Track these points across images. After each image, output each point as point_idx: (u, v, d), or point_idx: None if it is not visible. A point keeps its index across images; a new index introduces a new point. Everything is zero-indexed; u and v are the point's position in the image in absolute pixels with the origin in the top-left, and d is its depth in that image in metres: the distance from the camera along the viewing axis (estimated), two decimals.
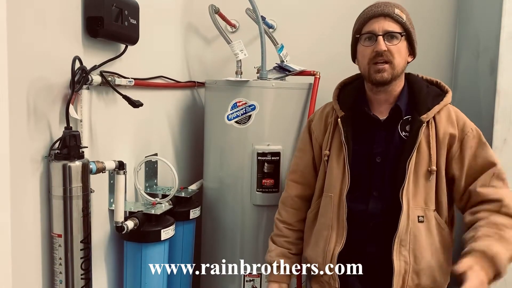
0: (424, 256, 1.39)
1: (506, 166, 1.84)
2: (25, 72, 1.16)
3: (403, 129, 1.43)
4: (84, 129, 1.37)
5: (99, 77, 1.42)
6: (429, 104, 1.42)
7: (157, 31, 1.93)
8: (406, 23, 1.40)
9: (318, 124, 1.61)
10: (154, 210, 1.65)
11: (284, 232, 1.65)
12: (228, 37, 2.07)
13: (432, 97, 1.44)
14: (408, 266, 1.38)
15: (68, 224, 1.25)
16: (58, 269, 1.26)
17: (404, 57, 1.42)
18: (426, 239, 1.39)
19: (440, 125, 1.41)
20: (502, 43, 1.82)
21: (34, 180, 1.22)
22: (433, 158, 1.39)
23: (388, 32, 1.38)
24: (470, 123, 1.44)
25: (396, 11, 1.39)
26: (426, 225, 1.39)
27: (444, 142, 1.40)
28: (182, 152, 2.28)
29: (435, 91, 1.48)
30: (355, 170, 1.45)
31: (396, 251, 1.38)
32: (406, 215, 1.38)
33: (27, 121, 1.17)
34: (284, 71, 2.10)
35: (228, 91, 1.96)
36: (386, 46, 1.37)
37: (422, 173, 1.40)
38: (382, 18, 1.39)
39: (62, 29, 1.30)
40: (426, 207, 1.40)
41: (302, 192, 1.65)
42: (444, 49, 2.51)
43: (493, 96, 1.85)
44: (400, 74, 1.43)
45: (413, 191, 1.39)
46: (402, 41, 1.40)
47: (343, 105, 1.53)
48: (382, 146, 1.44)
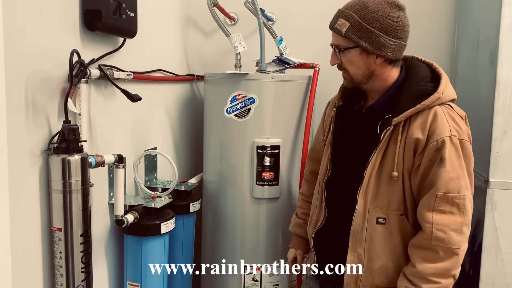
0: (380, 257, 1.38)
1: (506, 158, 1.85)
2: (23, 65, 1.15)
3: (380, 128, 1.39)
4: (83, 123, 1.37)
5: (97, 71, 1.42)
6: (406, 106, 1.33)
7: (155, 24, 1.92)
8: (347, 35, 1.34)
9: (329, 109, 1.64)
10: (154, 203, 1.65)
11: (301, 203, 1.77)
12: (227, 30, 2.06)
13: (414, 98, 1.34)
14: (362, 263, 1.39)
15: (68, 218, 1.25)
16: (58, 263, 1.27)
17: (361, 65, 1.37)
18: (384, 241, 1.38)
19: (411, 129, 1.33)
20: (502, 34, 1.81)
21: (33, 174, 1.21)
22: (398, 163, 1.34)
23: (334, 46, 1.41)
24: (445, 132, 1.30)
25: (338, 23, 1.36)
26: (387, 228, 1.37)
27: (410, 147, 1.33)
28: (182, 145, 2.28)
29: (424, 90, 1.35)
30: (336, 160, 1.49)
31: (351, 247, 1.40)
32: (362, 215, 1.38)
33: (25, 115, 1.17)
34: (283, 64, 2.09)
35: (227, 84, 1.95)
36: (338, 59, 1.40)
37: (385, 176, 1.36)
38: (333, 32, 1.40)
39: (60, 22, 1.29)
40: (389, 210, 1.36)
41: (315, 167, 1.69)
42: (444, 40, 2.50)
43: (493, 87, 1.85)
44: (366, 78, 1.39)
45: (374, 193, 1.37)
46: (350, 52, 1.36)
47: (344, 94, 1.53)
48: (359, 141, 1.45)
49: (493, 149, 1.86)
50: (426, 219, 1.30)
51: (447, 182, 1.29)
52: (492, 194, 1.87)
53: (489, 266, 1.89)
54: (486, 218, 1.88)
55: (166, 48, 2.09)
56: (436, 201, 1.29)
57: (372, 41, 1.33)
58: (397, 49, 1.36)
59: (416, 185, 1.34)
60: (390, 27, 1.33)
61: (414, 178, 1.34)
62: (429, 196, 1.31)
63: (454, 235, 1.29)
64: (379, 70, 1.38)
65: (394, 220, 1.36)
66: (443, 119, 1.32)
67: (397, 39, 1.34)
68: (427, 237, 1.30)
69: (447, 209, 1.30)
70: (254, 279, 1.99)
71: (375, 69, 1.37)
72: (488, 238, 1.88)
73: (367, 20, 1.32)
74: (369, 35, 1.32)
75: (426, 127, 1.31)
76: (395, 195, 1.35)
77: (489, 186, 1.86)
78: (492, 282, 1.89)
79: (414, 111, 1.32)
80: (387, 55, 1.35)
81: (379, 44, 1.33)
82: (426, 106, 1.31)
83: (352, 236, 1.40)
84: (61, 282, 1.27)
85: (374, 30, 1.32)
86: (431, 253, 1.30)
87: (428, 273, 1.30)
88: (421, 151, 1.32)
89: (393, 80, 1.41)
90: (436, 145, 1.29)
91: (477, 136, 2.05)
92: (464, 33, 2.35)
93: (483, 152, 1.92)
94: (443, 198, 1.29)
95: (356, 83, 1.41)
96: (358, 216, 1.38)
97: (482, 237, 1.89)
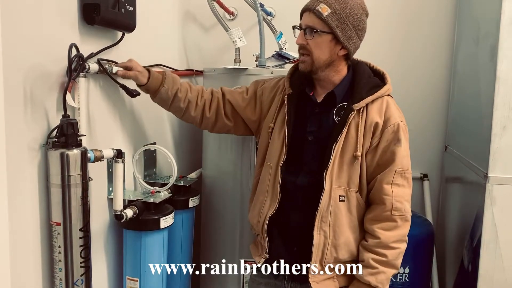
0: (343, 232, 1.50)
1: (506, 153, 1.85)
2: (21, 59, 1.15)
3: (337, 114, 1.52)
4: (81, 117, 1.36)
5: (96, 65, 1.41)
6: (364, 94, 1.49)
7: (154, 18, 1.92)
8: (327, 19, 1.44)
9: (268, 92, 1.68)
10: (153, 198, 1.65)
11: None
12: (226, 25, 2.06)
13: (369, 88, 1.51)
14: (327, 241, 1.49)
15: (67, 212, 1.25)
16: (57, 257, 1.26)
17: (327, 51, 1.48)
18: (345, 217, 1.50)
19: (370, 114, 1.49)
20: (502, 29, 1.81)
21: (31, 168, 1.21)
22: (359, 144, 1.48)
23: (307, 26, 1.47)
24: (397, 118, 1.49)
25: (320, 6, 1.44)
26: (346, 205, 1.50)
27: (370, 130, 1.48)
28: (181, 140, 2.27)
29: (375, 82, 1.54)
30: (291, 144, 1.55)
31: (317, 226, 1.49)
32: (328, 194, 1.48)
33: (23, 109, 1.16)
34: (283, 59, 2.09)
35: (226, 79, 1.95)
36: (305, 40, 1.47)
37: (347, 157, 1.49)
38: (307, 13, 1.48)
39: (59, 16, 1.28)
40: (348, 188, 1.50)
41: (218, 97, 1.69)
42: (444, 35, 2.50)
43: (493, 82, 1.84)
44: (325, 66, 1.50)
45: (337, 173, 1.49)
46: (322, 36, 1.46)
47: (293, 83, 1.61)
48: (315, 127, 1.54)
49: (493, 144, 1.86)
50: (386, 192, 1.47)
51: (402, 159, 1.48)
52: (492, 189, 1.87)
53: (487, 261, 1.90)
54: (485, 213, 1.88)
55: (165, 42, 2.09)
56: (394, 176, 1.48)
57: (345, 32, 1.46)
58: (356, 48, 1.52)
59: (373, 163, 1.50)
60: (359, 27, 1.48)
61: (371, 157, 1.50)
62: (387, 172, 1.48)
63: (407, 205, 1.50)
64: (337, 61, 1.51)
65: (352, 197, 1.50)
66: (393, 107, 1.52)
67: (359, 39, 1.50)
68: (388, 209, 1.47)
69: (401, 182, 1.48)
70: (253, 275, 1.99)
71: (335, 59, 1.50)
72: (487, 233, 1.89)
73: (345, 13, 1.45)
74: (344, 27, 1.45)
75: (382, 113, 1.50)
76: (355, 174, 1.49)
77: (489, 181, 1.87)
78: (491, 277, 1.90)
79: (372, 98, 1.49)
80: (351, 49, 1.49)
81: (348, 38, 1.47)
82: (382, 94, 1.51)
83: (318, 215, 1.48)
84: (60, 276, 1.27)
85: (349, 24, 1.46)
86: (391, 223, 1.48)
87: (391, 241, 1.47)
88: (379, 133, 1.49)
89: (344, 73, 1.55)
90: (393, 127, 1.48)
91: (477, 131, 2.05)
92: (464, 28, 2.35)
93: (482, 147, 1.93)
94: (399, 173, 1.48)
95: (315, 68, 1.50)
96: (325, 195, 1.48)
97: (481, 232, 1.90)
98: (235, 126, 1.72)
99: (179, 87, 1.62)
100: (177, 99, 1.62)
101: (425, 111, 2.57)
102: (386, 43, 2.52)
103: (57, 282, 1.27)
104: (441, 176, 2.62)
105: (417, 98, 2.54)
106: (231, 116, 1.70)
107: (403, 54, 2.50)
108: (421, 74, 2.54)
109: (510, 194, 1.87)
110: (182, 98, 1.63)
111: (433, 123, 2.59)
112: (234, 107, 1.69)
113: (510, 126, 1.84)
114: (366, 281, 1.47)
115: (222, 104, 1.69)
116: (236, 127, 1.73)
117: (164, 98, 1.61)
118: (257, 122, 1.70)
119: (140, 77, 1.55)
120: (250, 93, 1.71)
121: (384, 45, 2.50)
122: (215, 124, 1.71)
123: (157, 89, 1.58)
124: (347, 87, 1.54)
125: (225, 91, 1.72)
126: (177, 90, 1.61)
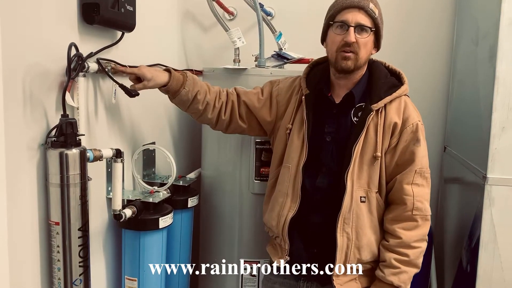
0: (365, 233, 1.50)
1: (505, 154, 1.85)
2: (21, 59, 1.14)
3: (356, 115, 1.52)
4: (81, 117, 1.36)
5: (95, 65, 1.41)
6: (382, 94, 1.50)
7: (154, 18, 1.91)
8: (377, 18, 1.47)
9: (284, 93, 1.68)
10: (152, 198, 1.65)
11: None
12: (225, 25, 2.06)
13: (387, 88, 1.52)
14: (351, 242, 1.49)
15: (66, 212, 1.25)
16: (56, 257, 1.26)
17: (369, 50, 1.51)
18: (367, 218, 1.51)
19: (388, 115, 1.50)
20: (501, 29, 1.81)
21: (30, 168, 1.21)
22: (379, 144, 1.48)
23: (359, 24, 1.45)
24: (415, 117, 1.51)
25: (371, 5, 1.46)
26: (367, 205, 1.51)
27: (389, 130, 1.49)
28: (180, 140, 2.27)
29: (392, 82, 1.55)
30: (310, 145, 1.55)
31: (340, 228, 1.48)
32: (350, 196, 1.48)
33: (22, 109, 1.16)
34: (282, 59, 2.09)
35: (226, 79, 1.95)
36: (356, 38, 1.45)
37: (367, 157, 1.49)
38: (357, 10, 1.46)
39: (58, 15, 1.28)
40: (368, 189, 1.50)
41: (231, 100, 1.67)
42: (443, 36, 2.50)
43: (492, 83, 1.84)
44: (363, 65, 1.52)
45: (358, 174, 1.49)
46: (370, 35, 1.48)
47: (309, 83, 1.61)
48: (333, 127, 1.54)
49: (492, 145, 1.86)
50: (407, 192, 1.48)
51: (421, 159, 1.49)
52: (490, 190, 1.87)
53: (486, 262, 1.90)
54: (484, 214, 1.88)
55: (165, 42, 2.09)
56: (414, 176, 1.48)
57: (381, 34, 1.52)
58: None
59: (392, 163, 1.50)
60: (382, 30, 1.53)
61: (390, 157, 1.50)
62: (407, 172, 1.48)
63: (427, 204, 1.50)
64: (366, 61, 1.54)
65: (372, 198, 1.51)
66: (411, 107, 1.53)
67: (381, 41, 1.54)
68: (409, 209, 1.48)
69: (420, 182, 1.49)
70: (252, 274, 1.99)
71: (368, 58, 1.53)
72: (486, 233, 1.89)
73: (381, 14, 1.51)
74: (382, 28, 1.51)
75: (400, 113, 1.50)
76: (375, 175, 1.50)
77: (487, 182, 1.86)
78: (489, 278, 1.90)
79: (391, 98, 1.50)
80: (378, 49, 1.55)
81: (380, 39, 1.53)
82: (400, 94, 1.52)
83: (341, 217, 1.48)
84: (58, 276, 1.27)
85: (382, 26, 1.52)
86: (412, 222, 1.48)
87: (412, 241, 1.48)
88: (398, 133, 1.49)
89: (363, 73, 1.55)
90: (412, 128, 1.49)
91: (476, 132, 2.05)
92: (464, 28, 2.35)
93: (481, 148, 1.93)
94: (419, 173, 1.48)
95: (357, 67, 1.50)
96: (347, 197, 1.48)
97: (479, 233, 1.90)
98: (249, 127, 1.71)
99: (199, 89, 1.59)
100: (196, 101, 1.59)
101: (424, 112, 2.52)
102: (385, 43, 2.51)
103: (56, 282, 1.27)
104: (440, 176, 2.62)
105: (416, 99, 2.49)
106: (246, 117, 1.69)
107: (402, 54, 2.50)
108: (420, 74, 2.54)
109: (508, 195, 1.87)
110: (201, 100, 1.59)
111: (432, 124, 2.59)
112: (249, 108, 1.68)
113: (509, 127, 1.84)
114: (389, 281, 1.47)
115: (237, 105, 1.68)
116: (250, 128, 1.72)
117: (183, 100, 1.58)
118: (272, 123, 1.69)
119: (159, 81, 1.51)
120: (266, 94, 1.70)
121: (383, 46, 2.50)
122: (229, 125, 1.70)
123: (178, 90, 1.54)
124: (365, 87, 1.54)
125: (240, 92, 1.70)
126: (197, 92, 1.58)
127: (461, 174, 2.25)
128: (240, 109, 1.68)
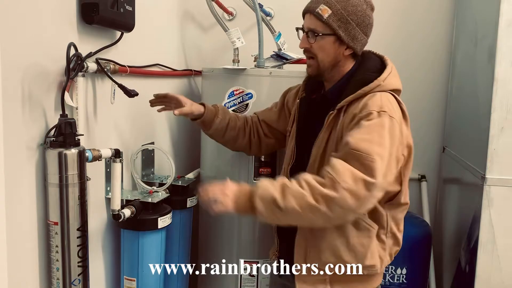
0: (324, 236, 1.41)
1: (503, 154, 1.85)
2: (20, 59, 1.14)
3: None
4: (79, 117, 1.36)
5: (94, 65, 1.41)
6: (349, 93, 1.39)
7: (153, 18, 1.91)
8: (328, 21, 1.38)
9: (292, 99, 1.69)
10: (151, 198, 1.65)
11: None
12: (225, 25, 2.06)
13: (357, 86, 1.39)
14: (307, 242, 1.45)
15: (65, 212, 1.25)
16: (54, 257, 1.26)
17: (331, 53, 1.42)
18: None
19: (349, 111, 1.37)
20: (500, 30, 1.81)
21: (29, 168, 1.21)
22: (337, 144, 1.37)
23: (309, 29, 1.43)
24: (372, 107, 1.32)
25: (320, 7, 1.39)
26: None
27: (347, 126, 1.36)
28: (179, 140, 2.27)
29: (365, 79, 1.40)
30: (300, 147, 1.54)
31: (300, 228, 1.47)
32: None
33: (21, 109, 1.16)
34: (281, 59, 2.09)
35: (225, 79, 1.95)
36: (309, 43, 1.42)
37: (328, 158, 1.35)
38: (308, 15, 1.43)
39: (57, 15, 1.28)
40: None
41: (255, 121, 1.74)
42: (442, 36, 2.50)
43: (490, 84, 1.85)
44: (329, 68, 1.45)
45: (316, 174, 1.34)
46: (324, 38, 1.41)
47: (307, 86, 1.60)
48: (314, 128, 1.49)
49: (490, 146, 1.86)
50: (330, 162, 1.29)
51: (358, 141, 1.27)
52: (489, 190, 1.87)
53: (485, 262, 1.90)
54: (483, 215, 1.88)
55: (164, 42, 2.09)
56: (347, 156, 1.27)
57: (348, 32, 1.40)
58: (363, 45, 1.46)
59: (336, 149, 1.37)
60: (364, 23, 1.41)
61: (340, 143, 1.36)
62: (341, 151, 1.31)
63: (347, 176, 1.24)
64: (342, 61, 1.45)
65: None
66: (378, 98, 1.35)
67: (366, 36, 1.44)
68: (326, 167, 1.29)
69: (355, 166, 1.25)
70: (251, 274, 1.99)
71: (341, 59, 1.44)
72: (485, 234, 1.89)
73: (347, 11, 1.39)
74: (347, 26, 1.39)
75: (361, 105, 1.35)
76: None
77: (486, 182, 1.87)
78: (488, 278, 1.90)
79: (355, 97, 1.38)
80: (357, 48, 1.43)
81: (353, 37, 1.41)
82: (365, 92, 1.37)
83: None
84: (57, 276, 1.27)
85: (352, 22, 1.39)
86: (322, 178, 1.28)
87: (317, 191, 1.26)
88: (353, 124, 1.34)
89: (346, 71, 1.47)
90: (359, 115, 1.33)
91: (475, 132, 2.06)
92: (463, 29, 2.35)
93: (480, 149, 1.93)
94: (352, 155, 1.26)
95: (321, 71, 1.46)
96: None
97: (478, 233, 1.90)
98: (277, 141, 1.75)
99: (230, 117, 1.70)
100: (230, 128, 1.68)
101: (423, 112, 2.57)
102: (383, 43, 2.51)
103: (55, 282, 1.27)
104: (438, 177, 2.63)
105: (415, 99, 2.53)
106: (270, 133, 1.74)
107: (401, 55, 2.50)
108: (419, 75, 2.54)
109: (507, 196, 1.87)
110: (233, 127, 1.69)
111: (431, 124, 2.59)
112: (269, 124, 1.73)
113: (508, 128, 1.84)
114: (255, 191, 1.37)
115: (259, 126, 1.74)
116: (278, 141, 1.75)
117: (219, 129, 1.67)
118: None
119: (196, 110, 1.62)
120: (279, 105, 1.74)
121: (381, 46, 2.48)
122: (260, 145, 1.75)
123: (212, 120, 1.64)
124: (345, 85, 1.44)
125: (257, 113, 1.78)
126: (229, 120, 1.68)
127: (460, 175, 2.25)
128: (263, 128, 1.74)
